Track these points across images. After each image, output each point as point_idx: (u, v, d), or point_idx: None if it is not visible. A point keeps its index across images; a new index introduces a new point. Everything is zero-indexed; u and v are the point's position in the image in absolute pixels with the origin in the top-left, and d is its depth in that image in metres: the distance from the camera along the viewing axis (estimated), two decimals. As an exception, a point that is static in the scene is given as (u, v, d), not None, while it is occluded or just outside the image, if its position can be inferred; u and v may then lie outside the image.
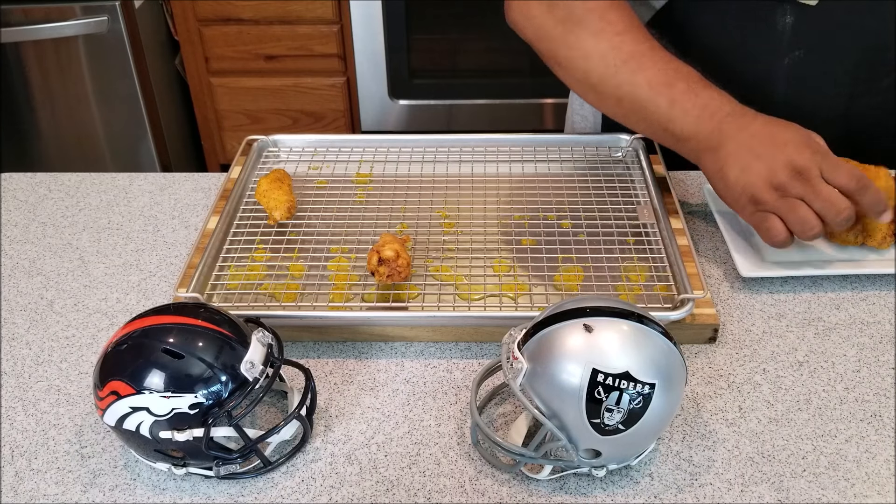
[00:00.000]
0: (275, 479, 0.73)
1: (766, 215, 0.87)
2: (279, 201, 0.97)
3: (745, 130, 0.89)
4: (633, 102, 0.94)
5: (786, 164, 0.85)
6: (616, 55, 0.94)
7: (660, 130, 0.94)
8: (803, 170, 0.85)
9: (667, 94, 0.91)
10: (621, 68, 0.93)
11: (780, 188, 0.85)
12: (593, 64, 0.95)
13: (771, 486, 0.71)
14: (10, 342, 0.88)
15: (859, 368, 0.82)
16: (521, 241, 0.97)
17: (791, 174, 0.85)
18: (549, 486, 0.71)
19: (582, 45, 0.96)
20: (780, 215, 0.86)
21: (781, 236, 0.87)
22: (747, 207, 0.88)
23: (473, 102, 2.47)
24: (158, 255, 1.00)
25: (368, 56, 2.39)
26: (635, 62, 0.93)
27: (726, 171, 0.89)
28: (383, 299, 0.89)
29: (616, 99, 0.95)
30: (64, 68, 2.27)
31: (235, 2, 2.32)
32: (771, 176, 0.86)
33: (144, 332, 0.69)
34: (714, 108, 0.90)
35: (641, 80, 0.93)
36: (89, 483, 0.73)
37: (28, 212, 1.09)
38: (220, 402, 0.68)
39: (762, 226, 0.88)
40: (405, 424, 0.77)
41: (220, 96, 2.49)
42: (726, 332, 0.87)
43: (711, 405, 0.79)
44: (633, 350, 0.66)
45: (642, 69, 0.93)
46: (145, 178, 1.15)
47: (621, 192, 1.03)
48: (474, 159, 1.11)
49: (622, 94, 0.94)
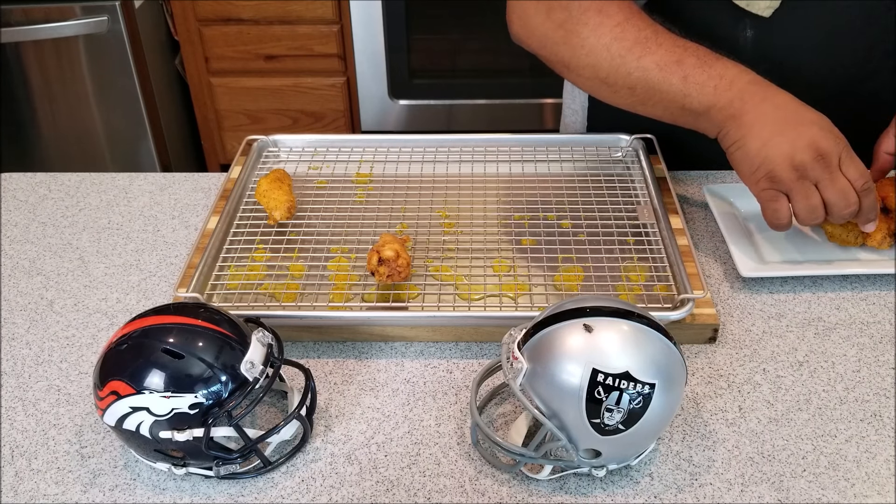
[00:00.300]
0: (275, 479, 0.73)
1: (778, 195, 0.86)
2: (279, 201, 0.97)
3: (769, 101, 0.87)
4: (645, 87, 0.93)
5: (810, 144, 0.84)
6: (620, 45, 0.93)
7: (677, 110, 0.93)
8: (826, 154, 0.84)
9: (678, 71, 0.90)
10: (627, 56, 0.92)
11: (800, 168, 0.84)
12: (599, 58, 0.94)
13: (771, 486, 0.71)
14: (10, 342, 0.88)
15: (859, 368, 0.82)
16: (521, 241, 0.97)
17: (814, 156, 0.84)
18: (549, 486, 0.71)
19: (584, 42, 0.95)
20: (791, 197, 0.86)
21: (785, 220, 0.87)
22: (761, 182, 0.87)
23: (473, 102, 2.47)
24: (158, 255, 1.00)
25: (368, 56, 2.39)
26: (640, 48, 0.92)
27: (747, 141, 0.87)
28: (383, 299, 0.89)
29: (628, 88, 0.94)
30: (64, 68, 2.27)
31: (235, 2, 2.32)
32: (793, 154, 0.84)
33: (144, 332, 0.69)
34: (731, 76, 0.89)
35: (650, 63, 0.91)
36: (89, 483, 0.73)
37: (28, 212, 1.09)
38: (220, 402, 0.68)
39: (770, 205, 0.87)
40: (405, 424, 0.77)
41: (220, 96, 2.49)
42: (726, 332, 0.87)
43: (711, 405, 0.79)
44: (633, 350, 0.66)
45: (649, 53, 0.92)
46: (145, 178, 1.15)
47: (621, 192, 1.03)
48: (474, 159, 1.11)
49: (633, 81, 0.93)
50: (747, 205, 1.01)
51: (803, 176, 0.85)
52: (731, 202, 1.02)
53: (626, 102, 0.97)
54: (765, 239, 0.96)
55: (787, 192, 0.86)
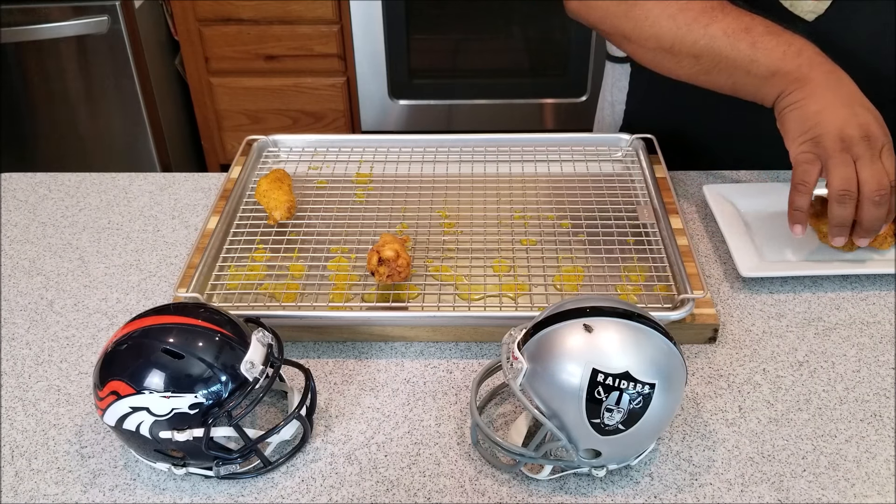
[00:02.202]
0: (275, 479, 0.73)
1: (815, 159, 0.87)
2: (279, 201, 0.97)
3: (835, 74, 0.90)
4: (711, 54, 0.94)
5: (863, 124, 0.86)
6: (685, 15, 0.95)
7: (742, 76, 0.94)
8: (873, 138, 0.86)
9: (746, 38, 0.92)
10: (693, 25, 0.94)
11: (847, 140, 0.86)
12: (664, 28, 0.96)
13: (771, 486, 0.71)
14: (10, 342, 0.88)
15: (859, 368, 0.82)
16: (521, 241, 0.97)
17: (863, 135, 0.85)
18: (549, 486, 0.71)
19: (648, 14, 0.97)
20: (828, 164, 0.86)
21: (810, 185, 0.87)
22: (806, 144, 0.88)
23: (473, 102, 2.47)
24: (158, 255, 1.00)
25: (368, 56, 2.39)
26: (706, 17, 0.94)
27: (808, 102, 0.88)
28: (383, 299, 0.89)
29: (693, 56, 0.96)
30: (64, 68, 2.27)
31: (235, 2, 2.32)
32: (845, 126, 0.86)
33: (144, 332, 0.69)
34: (799, 45, 0.91)
35: (717, 30, 0.93)
36: (89, 483, 0.73)
37: (28, 212, 1.09)
38: (220, 402, 0.68)
39: (804, 166, 0.88)
40: (405, 424, 0.77)
41: (220, 96, 2.49)
42: (726, 332, 0.87)
43: (711, 405, 0.79)
44: (633, 350, 0.66)
45: (716, 21, 0.94)
46: (145, 178, 1.15)
47: (621, 192, 1.03)
48: (474, 159, 1.11)
49: (699, 49, 0.95)
50: (747, 205, 1.01)
51: (846, 149, 0.86)
52: (732, 202, 1.02)
53: (689, 72, 0.98)
54: (765, 239, 0.96)
55: (826, 159, 0.87)
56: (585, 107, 2.44)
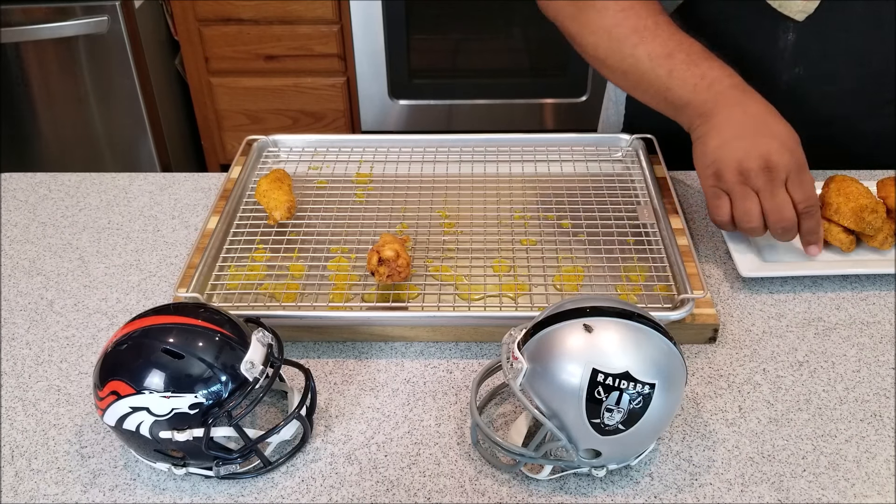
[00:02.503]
0: (275, 479, 0.73)
1: (721, 193, 0.90)
2: (279, 201, 0.97)
3: (741, 107, 0.91)
4: (636, 74, 0.97)
5: (762, 154, 0.87)
6: (619, 30, 0.97)
7: (661, 100, 0.97)
8: (773, 168, 0.87)
9: (666, 65, 0.94)
10: (624, 42, 0.97)
11: (745, 174, 0.88)
12: (599, 39, 0.99)
13: (771, 486, 0.71)
14: (10, 342, 0.88)
15: (859, 368, 0.82)
16: (521, 241, 0.97)
17: (762, 166, 0.87)
18: (549, 486, 0.71)
19: (590, 21, 1.00)
20: (731, 198, 0.89)
21: (724, 218, 0.90)
22: (709, 179, 0.91)
23: (473, 102, 2.47)
24: (158, 255, 1.00)
25: (368, 56, 2.39)
26: (637, 36, 0.96)
27: (708, 139, 0.91)
28: (383, 299, 0.89)
29: (622, 72, 0.99)
30: (64, 68, 2.27)
31: (235, 2, 2.32)
32: (743, 159, 0.88)
33: (144, 332, 0.69)
34: (713, 77, 0.92)
35: (642, 53, 0.96)
36: (89, 483, 0.73)
37: (28, 212, 1.09)
38: (220, 402, 0.68)
39: (713, 201, 0.91)
40: (405, 424, 0.77)
41: (220, 96, 2.49)
42: (726, 332, 0.87)
43: (711, 405, 0.79)
44: (633, 350, 0.66)
45: (644, 42, 0.96)
46: (145, 178, 1.15)
47: (621, 192, 1.03)
48: (474, 159, 1.11)
49: (626, 67, 0.98)
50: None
51: (746, 182, 0.88)
52: (731, 202, 1.02)
53: (621, 85, 1.02)
54: (765, 239, 0.96)
55: (728, 192, 0.89)
56: (585, 107, 2.44)
